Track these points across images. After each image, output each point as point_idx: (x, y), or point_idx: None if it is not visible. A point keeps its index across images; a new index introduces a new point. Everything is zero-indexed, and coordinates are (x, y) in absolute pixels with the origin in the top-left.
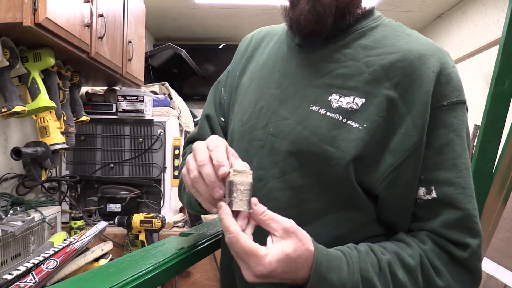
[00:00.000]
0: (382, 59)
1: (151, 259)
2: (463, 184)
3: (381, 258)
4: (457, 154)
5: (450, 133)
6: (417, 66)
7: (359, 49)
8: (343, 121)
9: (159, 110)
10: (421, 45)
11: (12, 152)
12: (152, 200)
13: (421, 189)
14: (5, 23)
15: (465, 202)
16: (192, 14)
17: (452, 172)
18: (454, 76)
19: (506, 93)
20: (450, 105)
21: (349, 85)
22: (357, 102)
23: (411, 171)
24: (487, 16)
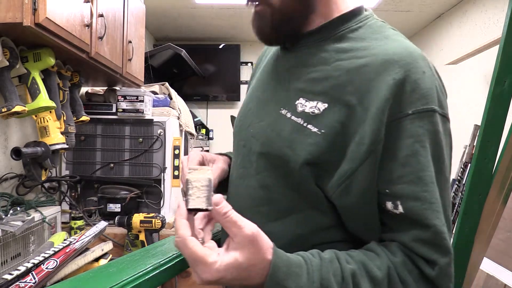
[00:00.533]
0: (351, 63)
1: (151, 259)
2: (429, 198)
3: (345, 268)
4: (422, 167)
5: (415, 144)
6: (379, 72)
7: (333, 52)
8: (303, 125)
9: (159, 110)
10: (390, 50)
11: (12, 152)
12: (152, 200)
13: (388, 203)
14: (5, 23)
15: (432, 218)
16: (192, 14)
17: (417, 186)
18: (422, 83)
19: (506, 93)
20: (416, 113)
21: (316, 90)
22: (319, 107)
23: (364, 182)
24: (487, 16)
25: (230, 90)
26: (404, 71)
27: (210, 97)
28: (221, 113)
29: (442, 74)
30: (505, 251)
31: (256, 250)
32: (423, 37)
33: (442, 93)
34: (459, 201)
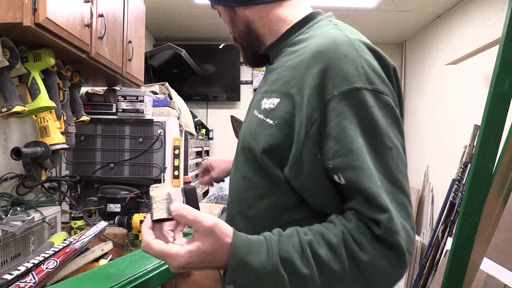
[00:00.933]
0: (294, 61)
1: (151, 259)
2: (360, 165)
3: (302, 239)
4: (352, 139)
5: (343, 121)
6: (309, 64)
7: (287, 55)
8: (263, 119)
9: (159, 110)
10: (320, 42)
11: (12, 152)
12: None
13: (335, 176)
14: (5, 23)
15: (366, 182)
16: (192, 14)
17: (349, 157)
18: (344, 66)
19: (506, 93)
20: (340, 94)
21: (273, 89)
22: (274, 102)
23: (309, 161)
24: (487, 16)
25: (230, 90)
26: (328, 59)
27: (210, 97)
28: (221, 113)
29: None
30: (505, 251)
31: (217, 237)
32: (423, 37)
33: (373, 70)
34: (459, 201)
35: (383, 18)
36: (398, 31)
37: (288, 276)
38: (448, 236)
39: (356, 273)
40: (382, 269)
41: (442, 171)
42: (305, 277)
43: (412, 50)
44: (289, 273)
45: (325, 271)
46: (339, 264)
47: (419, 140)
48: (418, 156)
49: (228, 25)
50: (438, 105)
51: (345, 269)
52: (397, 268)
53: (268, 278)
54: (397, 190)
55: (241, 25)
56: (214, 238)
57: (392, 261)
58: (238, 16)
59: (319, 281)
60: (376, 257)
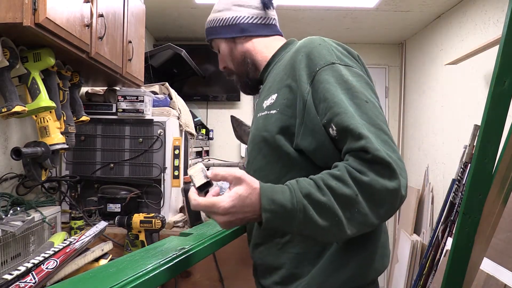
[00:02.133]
0: (281, 66)
1: (151, 259)
2: (343, 110)
3: (315, 178)
4: (333, 95)
5: (326, 85)
6: (294, 57)
7: (277, 68)
8: (268, 113)
9: (159, 110)
10: (298, 44)
11: (12, 152)
12: (152, 200)
13: (330, 130)
14: (5, 23)
15: (348, 120)
16: (192, 14)
17: (334, 108)
18: (320, 50)
19: (506, 93)
20: (320, 69)
21: (269, 92)
22: (273, 97)
23: (309, 123)
24: (487, 16)
25: (230, 90)
26: (306, 49)
27: (210, 97)
28: (221, 113)
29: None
30: (505, 251)
31: (247, 182)
32: (423, 37)
33: (341, 53)
34: (459, 201)
35: (383, 18)
36: (398, 31)
37: (311, 206)
38: (448, 236)
39: (364, 193)
40: (381, 184)
41: (442, 171)
42: (325, 204)
43: (412, 50)
44: (312, 203)
45: (339, 196)
46: (348, 188)
47: (419, 140)
48: (418, 156)
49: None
50: (438, 105)
51: (354, 191)
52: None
53: (296, 210)
54: (378, 131)
55: (239, 55)
56: (245, 184)
57: (385, 174)
58: (237, 47)
59: (337, 206)
60: (374, 176)
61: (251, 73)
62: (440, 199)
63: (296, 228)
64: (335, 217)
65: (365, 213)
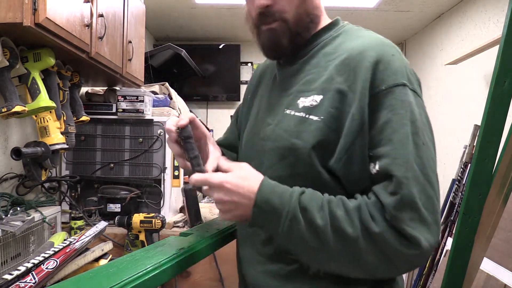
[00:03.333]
0: (336, 59)
1: (151, 259)
2: (395, 155)
3: (324, 197)
4: (393, 130)
5: (389, 113)
6: (358, 60)
7: (322, 57)
8: (306, 117)
9: (159, 110)
10: (365, 43)
11: (12, 152)
12: (152, 200)
13: (371, 164)
14: (5, 23)
15: (395, 170)
16: (192, 14)
17: (388, 146)
18: (392, 63)
19: (506, 93)
20: (388, 88)
21: (311, 88)
22: (316, 99)
23: (359, 151)
24: (487, 16)
25: (230, 90)
26: (376, 55)
27: (210, 97)
28: (221, 113)
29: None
30: (505, 251)
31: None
32: (423, 37)
33: (411, 73)
34: (459, 201)
35: (383, 18)
36: (398, 31)
37: (304, 221)
38: (448, 236)
39: (368, 242)
40: (394, 246)
41: (442, 171)
42: (318, 227)
43: (412, 50)
44: (305, 220)
45: (337, 230)
46: (351, 228)
47: None
48: None
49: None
50: (438, 105)
51: (356, 235)
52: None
53: (285, 219)
54: (427, 182)
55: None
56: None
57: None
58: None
59: (331, 235)
60: (387, 233)
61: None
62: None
63: (280, 236)
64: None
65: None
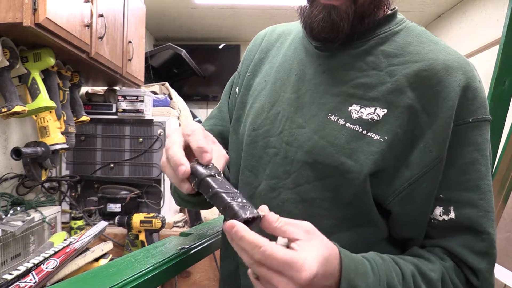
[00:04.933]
0: (406, 67)
1: (151, 259)
2: (486, 207)
3: (404, 269)
4: (481, 175)
5: (475, 152)
6: (442, 78)
7: (381, 56)
8: (363, 132)
9: (159, 110)
10: (448, 55)
11: (12, 152)
12: (152, 200)
13: (438, 208)
14: (5, 23)
15: (487, 226)
16: (192, 14)
17: (475, 194)
18: (480, 92)
19: (506, 93)
20: (476, 122)
21: (370, 96)
22: (379, 113)
23: (427, 188)
24: (487, 16)
25: None
26: (466, 78)
27: (210, 97)
28: None
29: None
30: (505, 251)
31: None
32: None
33: None
34: None
35: None
36: None
37: None
38: None
39: None
40: None
41: None
42: None
43: None
44: None
45: None
46: None
47: None
48: None
49: None
50: None
51: None
52: None
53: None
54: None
55: None
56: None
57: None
58: None
59: None
60: None
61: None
62: None
63: None
64: None
65: None
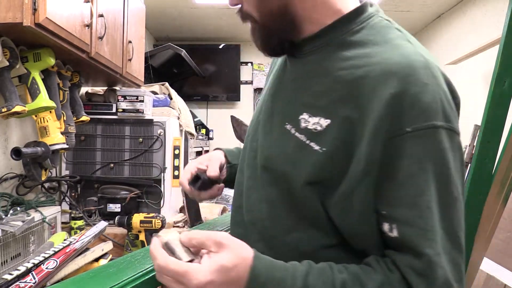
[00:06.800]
0: (350, 74)
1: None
2: (423, 225)
3: (336, 277)
4: (419, 191)
5: (413, 165)
6: (376, 85)
7: (336, 61)
8: (306, 142)
9: (159, 110)
10: (390, 59)
11: (12, 152)
12: (152, 200)
13: (385, 224)
14: (5, 23)
15: (424, 246)
16: (192, 14)
17: (412, 211)
18: (422, 97)
19: (506, 93)
20: (415, 131)
21: (318, 105)
22: (322, 124)
23: (362, 203)
24: (487, 16)
25: (230, 90)
26: (402, 84)
27: (210, 97)
28: (221, 113)
29: None
30: (505, 251)
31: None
32: (423, 37)
33: (448, 103)
34: None
35: None
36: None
37: None
38: None
39: None
40: None
41: None
42: None
43: None
44: None
45: None
46: None
47: None
48: None
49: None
50: None
51: None
52: None
53: None
54: (455, 249)
55: (275, 4)
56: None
57: None
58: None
59: None
60: None
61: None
62: None
63: None
64: None
65: None
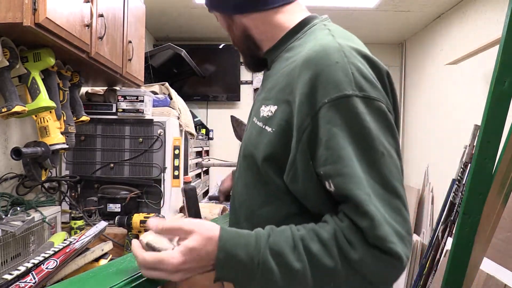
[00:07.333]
0: (288, 67)
1: None
2: (349, 172)
3: (295, 234)
4: (340, 146)
5: (333, 128)
6: (301, 71)
7: (282, 62)
8: (263, 127)
9: (159, 110)
10: (311, 49)
11: (12, 152)
12: (152, 200)
13: (326, 183)
14: (5, 23)
15: (353, 188)
16: (192, 14)
17: (338, 164)
18: (334, 73)
19: (506, 93)
20: (330, 101)
21: (270, 96)
22: (271, 110)
23: (303, 166)
24: (487, 16)
25: (230, 90)
26: (318, 66)
27: (210, 97)
28: (221, 113)
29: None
30: (505, 251)
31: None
32: (423, 37)
33: (363, 77)
34: (459, 201)
35: (383, 18)
36: (398, 31)
37: (278, 269)
38: (448, 236)
39: (348, 270)
40: (374, 269)
41: (442, 171)
42: (296, 271)
43: (412, 50)
44: (280, 266)
45: (317, 267)
46: (331, 260)
47: (419, 140)
48: (418, 156)
49: (226, 30)
50: (438, 105)
51: (336, 266)
52: (391, 270)
53: (257, 271)
54: (391, 195)
55: (238, 31)
56: (197, 234)
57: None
58: (235, 23)
59: (310, 277)
60: (367, 257)
61: (254, 52)
62: (440, 199)
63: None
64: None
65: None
